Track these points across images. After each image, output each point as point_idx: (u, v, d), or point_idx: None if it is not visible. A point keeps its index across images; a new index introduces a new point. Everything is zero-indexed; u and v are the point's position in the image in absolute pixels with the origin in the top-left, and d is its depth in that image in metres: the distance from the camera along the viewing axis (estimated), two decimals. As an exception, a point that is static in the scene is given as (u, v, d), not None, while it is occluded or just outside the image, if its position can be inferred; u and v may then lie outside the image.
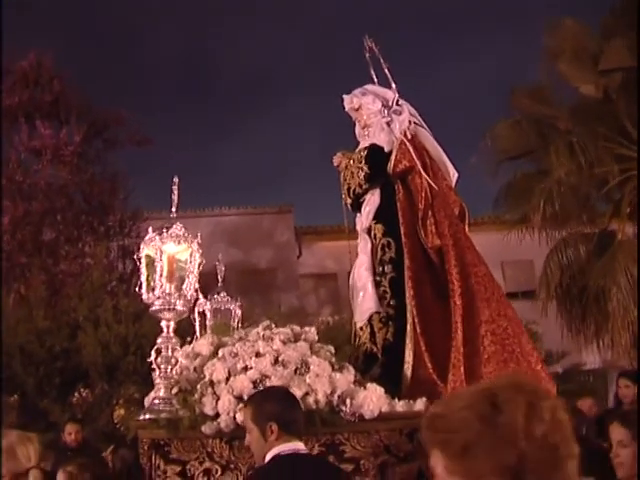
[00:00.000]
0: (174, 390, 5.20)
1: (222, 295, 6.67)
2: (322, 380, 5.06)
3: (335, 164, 7.19)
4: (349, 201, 7.04)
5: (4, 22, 15.70)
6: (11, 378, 12.32)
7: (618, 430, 4.09)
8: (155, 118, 47.35)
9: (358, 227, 6.96)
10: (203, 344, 5.56)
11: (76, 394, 12.33)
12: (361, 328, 6.61)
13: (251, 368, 5.06)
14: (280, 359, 5.15)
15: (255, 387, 4.93)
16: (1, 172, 16.81)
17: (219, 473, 5.06)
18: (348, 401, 5.07)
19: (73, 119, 18.32)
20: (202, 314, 6.57)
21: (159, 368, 5.28)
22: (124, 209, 18.94)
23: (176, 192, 5.78)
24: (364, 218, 6.87)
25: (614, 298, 15.20)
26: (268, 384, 4.94)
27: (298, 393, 4.87)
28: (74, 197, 18.25)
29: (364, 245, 6.82)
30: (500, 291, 6.57)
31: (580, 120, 16.56)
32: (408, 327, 6.33)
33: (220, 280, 6.92)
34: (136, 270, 18.14)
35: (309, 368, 5.15)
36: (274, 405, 3.79)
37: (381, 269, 6.62)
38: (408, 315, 6.37)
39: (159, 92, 52.63)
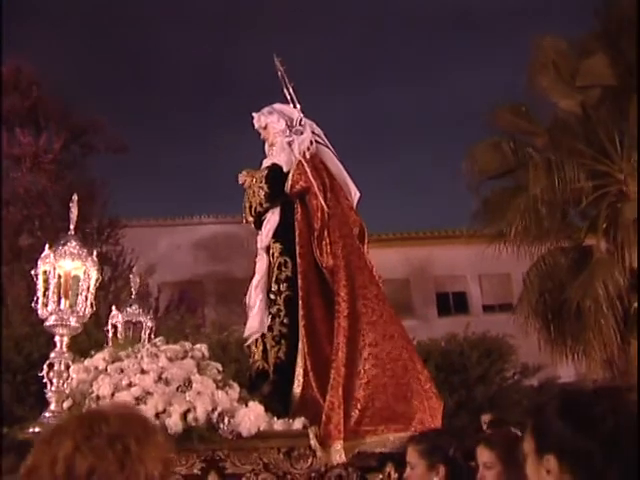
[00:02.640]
0: (67, 404, 5.23)
1: (134, 308, 6.65)
2: (203, 398, 5.08)
3: (240, 182, 7.17)
4: (250, 219, 7.06)
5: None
6: (-13, 385, 12.32)
7: (483, 452, 4.16)
8: (142, 121, 47.45)
9: (258, 245, 6.96)
10: (99, 358, 5.56)
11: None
12: (255, 345, 6.64)
13: (135, 385, 5.09)
14: (163, 376, 5.16)
15: (138, 404, 4.95)
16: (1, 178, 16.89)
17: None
18: (227, 419, 5.07)
19: (52, 125, 18.45)
20: (115, 326, 6.58)
21: (51, 382, 5.37)
22: (102, 216, 19.07)
23: (75, 210, 5.84)
24: (264, 236, 6.87)
25: (591, 313, 15.26)
26: (150, 401, 4.97)
27: (179, 410, 4.96)
28: (52, 203, 18.31)
29: (261, 264, 6.85)
30: (390, 312, 6.53)
31: (557, 137, 16.71)
32: (299, 346, 6.35)
33: (134, 293, 6.91)
34: (113, 278, 18.36)
35: (192, 386, 5.17)
36: None
37: (277, 287, 6.60)
38: (299, 334, 6.39)
39: (150, 94, 52.64)
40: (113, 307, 6.72)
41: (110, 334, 6.52)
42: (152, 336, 6.49)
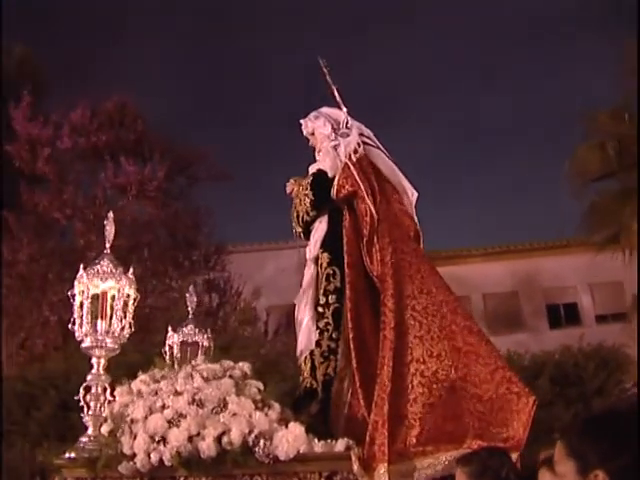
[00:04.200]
0: (106, 428, 5.14)
1: (189, 328, 6.59)
2: (239, 419, 4.89)
3: (287, 191, 6.89)
4: (299, 229, 6.68)
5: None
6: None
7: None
8: (246, 146, 47.97)
9: (307, 256, 6.55)
10: (138, 381, 5.42)
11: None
12: (304, 362, 6.26)
13: (168, 407, 4.97)
14: (197, 398, 5.01)
15: (170, 426, 4.88)
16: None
17: (143, 512, 4.95)
18: (262, 442, 4.84)
19: (156, 156, 18.91)
20: (172, 347, 6.56)
21: (88, 406, 5.32)
22: (208, 243, 19.36)
23: (110, 228, 5.79)
24: (312, 247, 6.48)
25: None
26: (183, 423, 4.86)
27: (213, 433, 4.82)
28: (159, 232, 18.71)
29: (308, 275, 6.45)
30: (441, 325, 5.92)
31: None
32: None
33: (190, 312, 6.84)
34: (221, 304, 18.63)
35: (227, 407, 4.98)
36: None
37: (325, 299, 6.22)
38: (348, 349, 6.00)
39: (252, 118, 53.16)
40: (169, 328, 6.67)
41: (167, 355, 6.49)
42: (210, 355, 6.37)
